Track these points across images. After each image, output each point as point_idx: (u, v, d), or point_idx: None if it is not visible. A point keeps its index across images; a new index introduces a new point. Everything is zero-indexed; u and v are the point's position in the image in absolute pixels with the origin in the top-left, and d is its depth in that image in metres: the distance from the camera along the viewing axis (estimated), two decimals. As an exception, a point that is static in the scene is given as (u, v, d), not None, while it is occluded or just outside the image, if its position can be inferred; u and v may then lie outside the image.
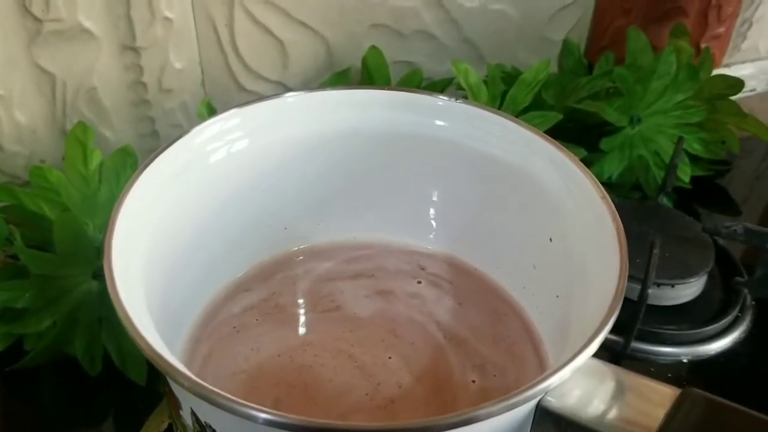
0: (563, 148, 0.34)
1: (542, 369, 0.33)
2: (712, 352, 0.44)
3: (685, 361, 0.44)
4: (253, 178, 0.36)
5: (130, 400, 0.40)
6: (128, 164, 0.42)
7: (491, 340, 0.35)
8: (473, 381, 0.33)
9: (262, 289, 0.38)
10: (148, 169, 0.31)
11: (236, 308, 0.37)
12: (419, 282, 0.38)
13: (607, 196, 0.31)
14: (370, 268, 0.38)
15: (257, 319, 0.36)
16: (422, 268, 0.38)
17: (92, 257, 0.40)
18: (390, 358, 0.34)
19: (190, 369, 0.33)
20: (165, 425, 0.39)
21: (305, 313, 0.37)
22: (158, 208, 0.31)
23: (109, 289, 0.26)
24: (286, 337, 0.35)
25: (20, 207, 0.41)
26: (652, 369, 0.43)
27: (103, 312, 0.40)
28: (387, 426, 0.24)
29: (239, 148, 0.35)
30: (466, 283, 0.38)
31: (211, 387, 0.23)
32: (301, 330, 0.36)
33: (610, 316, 0.26)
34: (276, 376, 0.34)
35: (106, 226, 0.41)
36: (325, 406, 0.32)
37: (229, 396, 0.23)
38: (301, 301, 0.37)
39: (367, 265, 0.39)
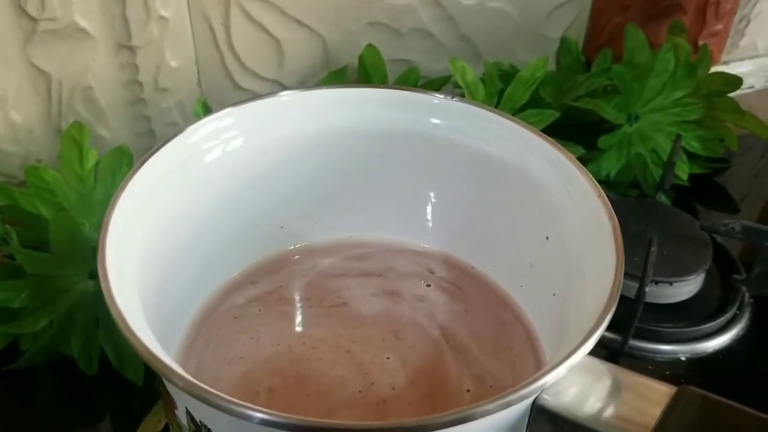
0: (560, 146, 0.33)
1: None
2: (710, 350, 0.44)
3: (683, 358, 0.44)
4: (249, 177, 0.36)
5: (127, 400, 0.40)
6: (124, 163, 0.42)
7: (493, 351, 0.34)
8: (468, 390, 0.33)
9: (268, 282, 0.38)
10: (143, 168, 0.31)
11: (240, 299, 0.37)
12: (428, 285, 0.38)
13: (604, 194, 0.31)
14: (380, 268, 0.38)
15: (260, 310, 0.36)
16: (431, 272, 0.38)
17: (88, 257, 0.40)
18: (388, 358, 0.34)
19: (187, 360, 0.33)
20: (162, 425, 0.38)
21: (310, 307, 0.37)
22: (153, 208, 0.31)
23: (103, 289, 0.26)
24: (287, 328, 0.36)
25: (16, 207, 0.41)
26: (650, 367, 0.43)
27: (99, 312, 0.40)
28: (382, 425, 0.24)
29: (234, 147, 0.35)
30: (475, 290, 0.37)
31: (206, 387, 0.23)
32: (304, 323, 0.36)
33: (606, 314, 0.26)
34: (273, 364, 0.34)
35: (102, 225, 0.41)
36: (317, 398, 0.32)
37: (225, 396, 0.23)
38: (307, 295, 0.37)
39: (376, 264, 0.39)
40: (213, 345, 0.34)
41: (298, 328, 0.36)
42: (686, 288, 0.46)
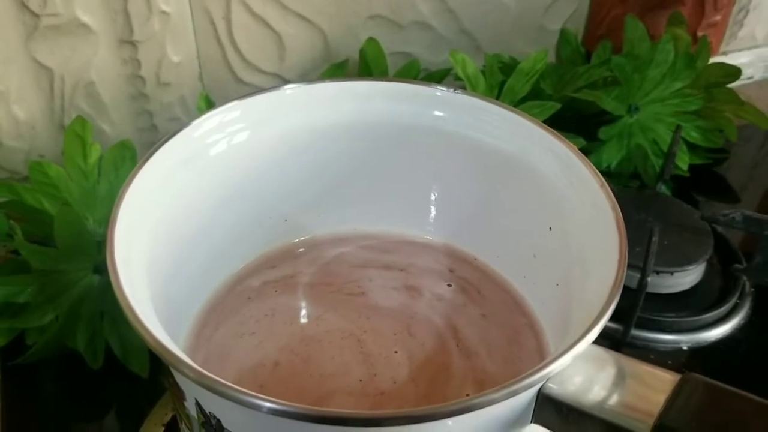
0: (562, 137, 0.34)
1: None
2: (712, 339, 0.45)
3: (685, 348, 0.44)
4: (253, 170, 0.36)
5: (133, 393, 0.41)
6: (127, 158, 0.42)
7: (502, 359, 0.34)
8: (467, 394, 0.32)
9: (288, 267, 0.38)
10: (150, 161, 0.31)
11: (256, 282, 0.37)
12: (449, 285, 0.37)
13: (607, 185, 0.31)
14: (402, 263, 0.38)
15: (276, 291, 0.37)
16: (452, 270, 0.38)
17: (93, 251, 0.40)
18: (396, 352, 0.34)
19: (196, 349, 0.33)
20: (168, 417, 0.39)
21: (329, 293, 0.37)
22: (159, 202, 0.31)
23: (113, 282, 0.26)
24: (302, 309, 0.36)
25: (20, 202, 0.41)
26: (652, 356, 0.44)
27: (104, 306, 0.40)
28: (388, 413, 0.24)
29: (239, 140, 0.35)
30: (494, 294, 0.37)
31: (215, 377, 0.23)
32: (320, 306, 0.36)
33: (610, 304, 0.26)
34: (283, 340, 0.34)
35: (106, 220, 0.41)
36: (318, 380, 0.32)
37: (234, 386, 0.23)
38: (328, 281, 0.37)
39: (398, 258, 0.39)
40: (224, 325, 0.35)
41: (314, 310, 0.36)
42: (687, 278, 0.46)
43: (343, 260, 0.39)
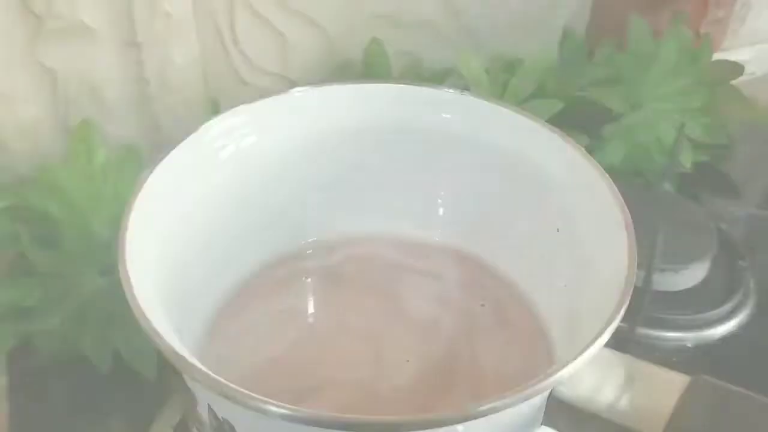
0: (570, 138, 0.33)
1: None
2: (717, 337, 0.45)
3: (690, 345, 0.44)
4: (262, 174, 0.36)
5: (141, 395, 0.41)
6: (133, 160, 0.42)
7: (507, 390, 0.34)
8: None
9: (321, 259, 0.38)
10: (159, 167, 0.31)
11: (282, 272, 0.37)
12: (483, 305, 0.36)
13: (615, 187, 0.31)
14: (438, 272, 0.38)
15: (307, 278, 0.37)
16: (483, 287, 0.37)
17: (99, 254, 0.40)
18: (408, 361, 0.34)
19: (207, 347, 0.33)
20: (176, 420, 0.39)
21: (365, 288, 0.37)
22: (169, 208, 0.31)
23: (126, 289, 0.26)
24: (334, 298, 0.37)
25: (25, 205, 0.41)
26: (657, 354, 0.43)
27: (111, 308, 0.40)
28: (397, 420, 0.24)
29: (248, 144, 0.35)
30: (525, 322, 0.36)
31: (228, 383, 0.23)
32: (352, 298, 0.36)
33: (620, 307, 0.26)
34: (307, 322, 0.35)
35: (111, 222, 0.41)
36: (325, 366, 0.33)
37: (247, 392, 0.23)
38: (366, 277, 0.38)
39: (434, 265, 0.38)
40: (238, 318, 0.35)
41: (346, 301, 0.36)
42: (692, 275, 0.46)
43: (381, 262, 0.39)
